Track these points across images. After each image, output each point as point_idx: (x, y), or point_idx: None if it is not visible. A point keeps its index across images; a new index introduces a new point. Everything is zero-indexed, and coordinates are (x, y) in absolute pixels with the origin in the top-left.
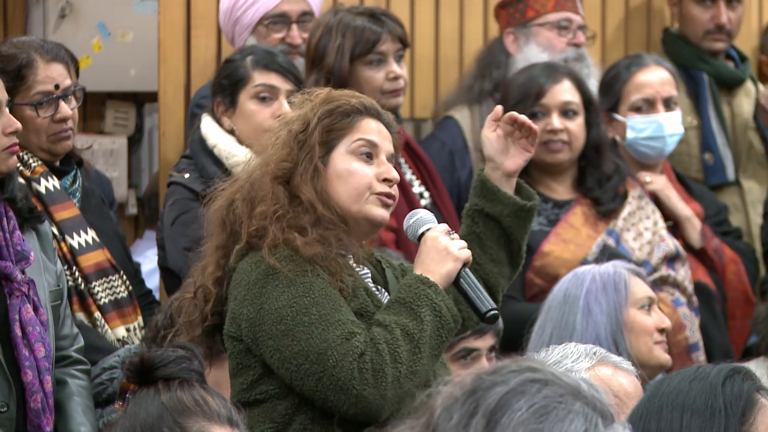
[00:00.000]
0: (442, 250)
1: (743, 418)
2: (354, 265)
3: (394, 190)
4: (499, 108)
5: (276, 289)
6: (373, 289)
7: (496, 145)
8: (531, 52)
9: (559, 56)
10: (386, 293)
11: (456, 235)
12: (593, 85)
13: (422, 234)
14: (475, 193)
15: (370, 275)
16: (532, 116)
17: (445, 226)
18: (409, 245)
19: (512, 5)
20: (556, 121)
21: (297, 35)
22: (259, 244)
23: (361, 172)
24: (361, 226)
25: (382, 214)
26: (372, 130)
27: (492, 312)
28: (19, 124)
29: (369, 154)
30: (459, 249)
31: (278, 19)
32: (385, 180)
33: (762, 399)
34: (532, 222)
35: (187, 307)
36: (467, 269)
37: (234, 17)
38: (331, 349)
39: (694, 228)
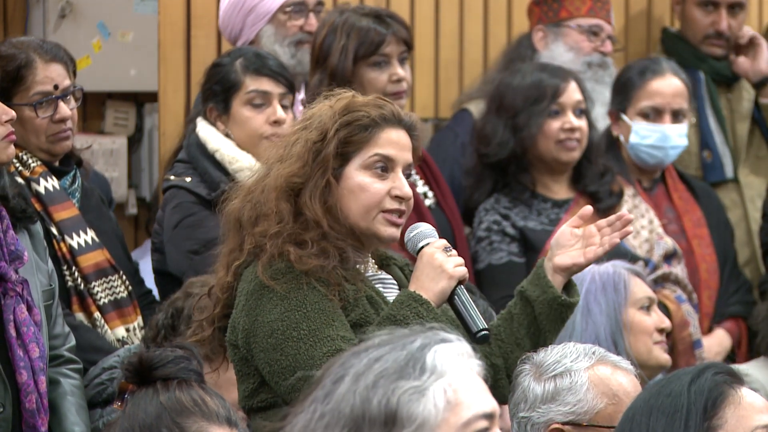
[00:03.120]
0: (437, 267)
1: (708, 414)
2: (375, 269)
3: (406, 206)
4: (589, 208)
5: (270, 301)
6: (391, 291)
7: (561, 239)
8: (557, 50)
9: (583, 59)
10: None
11: (454, 252)
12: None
13: (421, 248)
14: (529, 277)
15: (391, 278)
16: (550, 115)
17: (443, 242)
18: None
19: (546, 3)
20: (574, 119)
21: (314, 23)
22: (259, 256)
23: (372, 188)
24: (371, 241)
25: (390, 232)
26: (390, 142)
27: (483, 333)
28: (13, 113)
29: (384, 167)
30: (455, 267)
31: (298, 8)
32: (396, 197)
33: (735, 392)
34: (564, 325)
35: (204, 305)
36: (462, 287)
37: (248, 7)
38: (316, 366)
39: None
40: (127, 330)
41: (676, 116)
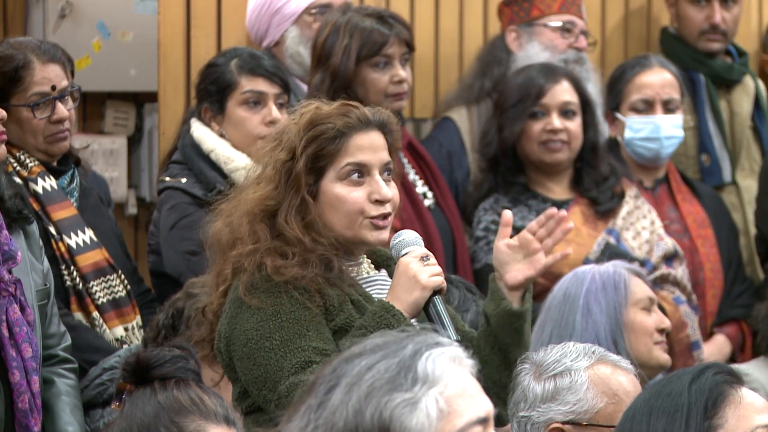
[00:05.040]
0: (411, 278)
1: (708, 413)
2: (370, 270)
3: (388, 207)
4: (508, 213)
5: (248, 310)
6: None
7: (501, 257)
8: (533, 50)
9: (559, 57)
10: None
11: (433, 261)
12: (592, 88)
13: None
14: (488, 294)
15: (388, 277)
16: (533, 116)
17: (421, 251)
18: None
19: (517, 3)
20: (556, 120)
21: None
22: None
23: (351, 199)
24: (360, 247)
25: (377, 236)
26: (361, 148)
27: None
28: (3, 112)
29: (359, 173)
30: (429, 276)
31: (323, 10)
32: (377, 201)
33: (736, 392)
34: (523, 335)
35: (200, 324)
36: (438, 297)
37: (275, 7)
38: (284, 378)
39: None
40: (126, 329)
41: (668, 107)
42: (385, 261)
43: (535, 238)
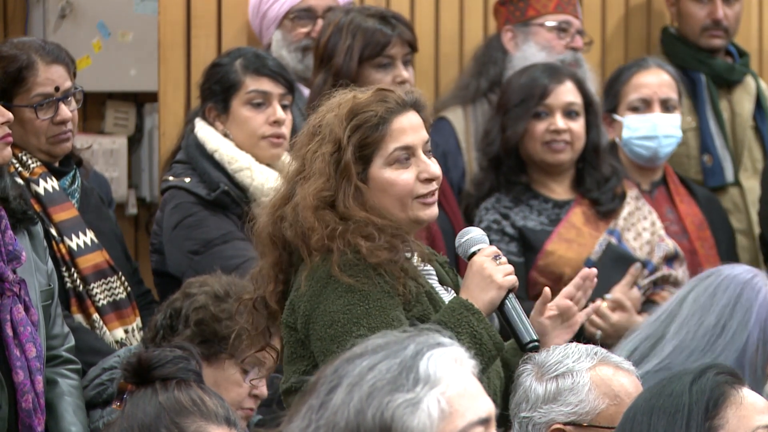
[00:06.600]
0: (487, 278)
1: (709, 414)
2: (419, 262)
3: (435, 184)
4: (546, 290)
5: (334, 291)
6: (440, 289)
7: (541, 330)
8: (530, 50)
9: (556, 58)
10: (453, 292)
11: (504, 259)
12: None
13: (471, 255)
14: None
15: (434, 273)
16: (536, 116)
17: (493, 249)
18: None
19: (513, 3)
20: (560, 121)
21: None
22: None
23: (402, 181)
24: (413, 227)
25: (429, 213)
26: (403, 130)
27: (533, 343)
28: (10, 114)
29: (406, 156)
30: (504, 276)
31: (303, 14)
32: (426, 179)
33: (737, 393)
34: None
35: (252, 317)
36: (513, 296)
37: (262, 11)
38: None
39: None
40: (126, 331)
41: (666, 106)
42: (427, 256)
43: (573, 302)
